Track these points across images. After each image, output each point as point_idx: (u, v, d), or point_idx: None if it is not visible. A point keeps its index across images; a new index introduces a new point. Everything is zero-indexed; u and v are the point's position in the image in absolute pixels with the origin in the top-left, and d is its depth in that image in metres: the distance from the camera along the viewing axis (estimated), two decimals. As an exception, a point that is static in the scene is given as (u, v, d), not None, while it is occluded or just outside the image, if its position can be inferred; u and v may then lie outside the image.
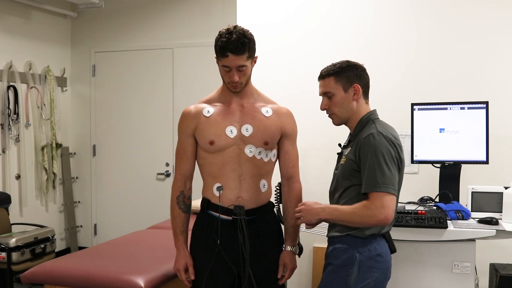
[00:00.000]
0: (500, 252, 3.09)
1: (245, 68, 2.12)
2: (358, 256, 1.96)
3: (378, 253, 1.98)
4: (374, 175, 1.91)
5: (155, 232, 3.63)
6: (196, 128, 2.21)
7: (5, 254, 3.95)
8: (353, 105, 2.08)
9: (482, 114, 2.78)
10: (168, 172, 5.33)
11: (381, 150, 1.93)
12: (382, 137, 1.95)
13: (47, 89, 5.21)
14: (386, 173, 1.90)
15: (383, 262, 1.99)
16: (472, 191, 2.69)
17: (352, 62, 2.11)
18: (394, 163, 1.94)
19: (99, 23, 5.56)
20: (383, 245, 2.01)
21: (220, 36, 2.10)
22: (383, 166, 1.91)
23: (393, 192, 1.91)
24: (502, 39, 3.21)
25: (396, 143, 1.98)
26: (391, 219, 1.91)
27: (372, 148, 1.93)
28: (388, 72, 3.36)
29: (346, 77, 2.06)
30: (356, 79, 2.07)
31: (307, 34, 3.49)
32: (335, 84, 2.07)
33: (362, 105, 2.10)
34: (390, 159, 1.93)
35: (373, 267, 1.96)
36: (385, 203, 1.88)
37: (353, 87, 2.06)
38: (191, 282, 2.26)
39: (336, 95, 2.07)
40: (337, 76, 2.07)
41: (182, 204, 2.26)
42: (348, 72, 2.07)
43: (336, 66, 2.09)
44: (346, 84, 2.06)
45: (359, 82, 2.07)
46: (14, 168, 4.92)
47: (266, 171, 2.25)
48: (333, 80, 2.07)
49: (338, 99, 2.07)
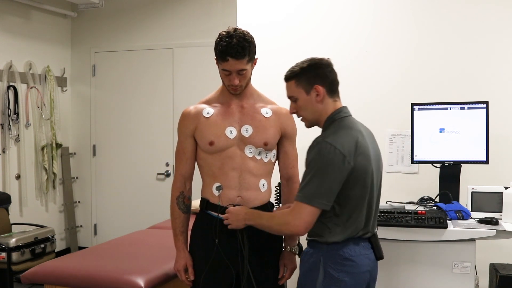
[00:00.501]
0: (500, 252, 3.09)
1: (245, 71, 2.12)
2: (323, 259, 1.91)
3: (345, 257, 1.89)
4: (303, 185, 1.85)
5: (155, 232, 3.63)
6: (196, 129, 2.21)
7: (5, 254, 3.95)
8: (318, 107, 1.96)
9: (482, 114, 2.78)
10: (168, 172, 5.33)
11: (317, 160, 1.83)
12: (322, 144, 1.85)
13: (47, 89, 5.21)
14: (315, 184, 1.82)
15: (353, 266, 1.90)
16: (472, 191, 2.69)
17: (315, 60, 1.98)
18: (331, 172, 1.82)
19: (99, 23, 5.56)
20: (355, 248, 1.91)
21: (220, 40, 2.09)
22: (314, 177, 1.82)
23: (316, 205, 1.82)
24: (502, 39, 3.21)
25: (339, 149, 1.83)
26: (302, 232, 1.87)
27: (312, 158, 1.86)
28: (388, 72, 3.36)
29: (307, 79, 1.95)
30: (317, 79, 1.94)
31: (307, 34, 3.49)
32: (296, 88, 1.97)
33: (328, 105, 1.97)
34: (324, 169, 1.82)
35: (341, 271, 1.88)
36: (303, 216, 1.82)
37: (314, 89, 1.94)
38: (191, 283, 2.26)
39: (299, 98, 1.97)
40: (297, 79, 1.96)
41: (182, 204, 2.26)
42: (308, 73, 1.95)
43: (296, 68, 1.98)
44: (307, 87, 1.95)
45: (320, 82, 1.94)
46: (14, 168, 4.92)
47: (266, 172, 2.25)
48: (294, 83, 1.97)
49: (302, 103, 1.97)
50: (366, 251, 1.96)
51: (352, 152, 1.85)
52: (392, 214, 2.48)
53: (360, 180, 1.89)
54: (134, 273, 2.57)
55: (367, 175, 1.91)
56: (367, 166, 1.90)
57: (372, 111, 3.34)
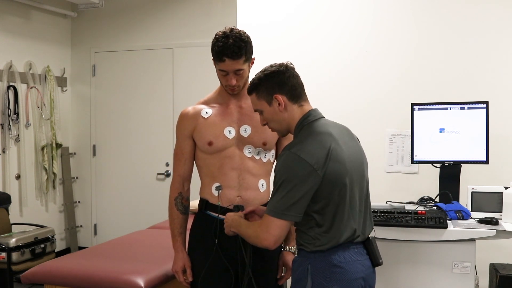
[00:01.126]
0: (500, 252, 3.09)
1: (242, 71, 2.13)
2: (310, 267, 1.85)
3: (334, 264, 1.82)
4: (271, 197, 1.82)
5: (155, 232, 3.63)
6: (195, 130, 2.21)
7: (5, 254, 3.95)
8: (283, 116, 1.90)
9: (482, 114, 2.78)
10: (168, 172, 5.33)
11: (283, 172, 1.79)
12: (287, 155, 1.79)
13: (47, 89, 5.21)
14: (282, 197, 1.77)
15: (343, 273, 1.82)
16: (472, 191, 2.69)
17: (272, 68, 1.92)
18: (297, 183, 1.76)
19: (99, 23, 5.56)
20: (345, 255, 1.84)
21: (216, 40, 2.09)
22: (281, 190, 1.78)
23: (285, 218, 1.78)
24: (502, 39, 3.21)
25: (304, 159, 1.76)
26: (271, 246, 1.82)
27: (278, 169, 1.81)
28: (388, 72, 3.36)
29: (265, 90, 1.90)
30: (275, 88, 1.89)
31: (307, 34, 3.49)
32: (258, 101, 1.92)
33: (294, 112, 1.91)
34: (290, 181, 1.76)
35: (330, 279, 1.82)
36: (271, 230, 1.79)
37: (275, 99, 1.89)
38: (189, 284, 2.26)
39: (263, 110, 1.93)
40: (257, 91, 1.92)
41: (180, 205, 2.26)
42: (266, 83, 1.90)
43: (255, 79, 1.93)
44: (268, 98, 1.90)
45: (279, 91, 1.88)
46: (14, 168, 4.92)
47: (265, 171, 2.25)
48: (255, 97, 1.93)
49: (267, 115, 1.92)
50: (358, 256, 1.87)
51: (322, 160, 1.78)
52: (392, 214, 2.48)
53: (336, 186, 1.80)
54: (134, 273, 2.57)
55: (343, 180, 1.82)
56: (341, 171, 1.81)
57: (372, 111, 3.35)
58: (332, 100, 3.40)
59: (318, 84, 3.42)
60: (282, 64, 1.94)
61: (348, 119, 3.40)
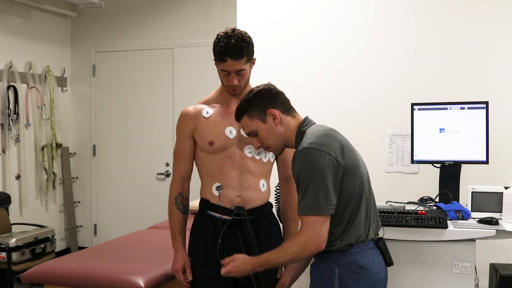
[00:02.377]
0: (500, 252, 3.09)
1: (244, 71, 2.13)
2: (337, 270, 1.84)
3: (360, 265, 1.83)
4: (300, 198, 1.79)
5: (155, 232, 3.63)
6: (195, 129, 2.21)
7: (5, 254, 3.95)
8: (279, 130, 1.92)
9: (482, 114, 2.78)
10: (168, 172, 5.33)
11: (306, 167, 1.77)
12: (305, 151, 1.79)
13: (47, 89, 5.21)
14: (309, 194, 1.75)
15: (368, 274, 1.84)
16: (472, 191, 2.68)
17: (257, 88, 1.95)
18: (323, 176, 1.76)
19: (99, 23, 5.56)
20: (369, 255, 1.87)
21: (218, 40, 2.10)
22: (309, 186, 1.76)
23: (322, 212, 1.76)
24: (502, 39, 3.21)
25: (323, 150, 1.77)
26: (323, 245, 1.78)
27: (298, 168, 1.80)
28: (388, 72, 3.36)
29: (257, 108, 1.91)
30: (268, 104, 1.91)
31: (307, 34, 3.49)
32: (251, 122, 1.92)
33: (289, 123, 1.93)
34: (316, 175, 1.75)
35: (356, 281, 1.83)
36: (315, 230, 1.75)
37: (269, 114, 1.91)
38: (189, 283, 2.26)
39: (259, 130, 1.92)
40: (248, 112, 1.92)
41: (180, 205, 2.26)
42: (256, 101, 1.92)
43: (243, 102, 1.94)
44: (261, 115, 1.91)
45: (272, 105, 1.91)
46: (14, 168, 4.92)
47: (265, 171, 2.25)
48: (247, 118, 1.93)
49: (263, 133, 1.92)
50: (378, 257, 1.90)
51: (339, 151, 1.81)
52: (392, 214, 2.48)
53: (357, 176, 1.85)
54: (134, 273, 2.57)
55: (361, 170, 1.88)
56: (357, 161, 1.88)
57: (372, 111, 3.35)
58: (332, 100, 3.40)
59: (318, 84, 3.42)
60: (264, 85, 1.96)
61: (348, 119, 3.44)
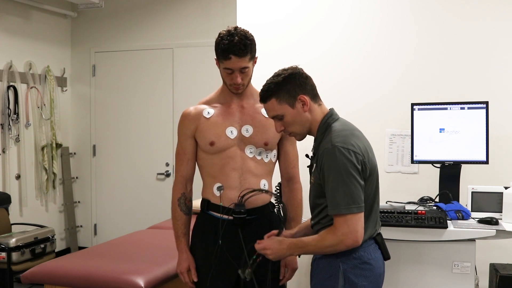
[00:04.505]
0: (500, 252, 3.09)
1: (247, 69, 2.13)
2: (342, 265, 1.84)
3: (364, 261, 1.85)
4: (335, 196, 1.77)
5: (155, 232, 3.63)
6: (197, 130, 2.20)
7: (5, 254, 3.95)
8: (306, 116, 1.90)
9: (482, 114, 2.78)
10: (168, 172, 5.33)
11: (338, 166, 1.76)
12: (337, 150, 1.77)
13: (47, 89, 5.21)
14: (346, 191, 1.75)
15: (371, 269, 1.87)
16: (472, 191, 2.69)
17: (286, 71, 1.91)
18: (354, 175, 1.77)
19: (99, 23, 5.56)
20: (371, 251, 1.89)
21: (221, 39, 2.09)
22: (342, 184, 1.76)
23: (357, 211, 1.76)
24: (502, 38, 3.21)
25: (354, 151, 1.79)
26: (360, 241, 1.78)
27: (329, 166, 1.78)
28: (388, 72, 3.36)
29: (287, 92, 1.87)
30: (298, 89, 1.87)
31: (307, 34, 3.49)
32: (279, 105, 1.88)
33: (316, 111, 1.92)
34: (348, 173, 1.76)
35: (360, 276, 1.85)
36: (351, 226, 1.75)
37: (299, 99, 1.88)
38: (194, 284, 2.24)
39: (285, 115, 1.89)
40: (277, 95, 1.87)
41: (183, 206, 2.26)
42: (286, 85, 1.87)
43: (272, 84, 1.89)
44: (290, 100, 1.87)
45: (302, 91, 1.88)
46: (14, 168, 4.92)
47: (266, 171, 2.25)
48: (275, 101, 1.88)
49: (290, 118, 1.89)
50: (377, 252, 1.92)
51: (365, 152, 1.84)
52: (392, 214, 2.48)
53: (375, 178, 1.90)
54: (134, 273, 2.58)
55: (377, 172, 1.94)
56: (376, 164, 1.93)
57: (372, 111, 3.34)
58: (332, 100, 3.34)
59: (318, 84, 3.36)
60: (294, 68, 1.93)
61: (348, 119, 3.40)
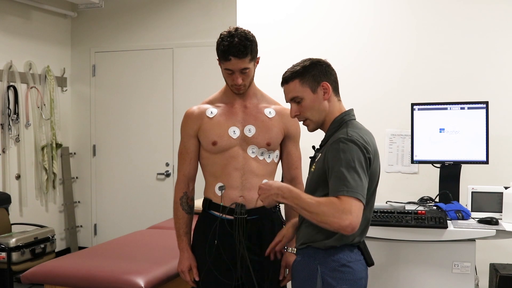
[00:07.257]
0: (500, 252, 3.09)
1: (248, 70, 2.13)
2: (320, 268, 1.81)
3: (343, 264, 1.81)
4: (342, 179, 1.70)
5: (155, 232, 3.63)
6: (199, 129, 2.21)
7: (5, 254, 3.95)
8: (325, 105, 1.88)
9: (482, 114, 2.78)
10: (168, 172, 5.32)
11: (351, 155, 1.73)
12: (351, 142, 1.75)
13: (47, 89, 5.21)
14: (356, 179, 1.70)
15: (351, 272, 1.82)
16: (472, 191, 2.69)
17: (314, 59, 1.92)
18: (364, 169, 1.74)
19: (99, 23, 5.56)
20: (351, 254, 1.84)
21: (221, 40, 2.09)
22: (352, 171, 1.71)
23: (362, 200, 1.70)
24: (502, 38, 3.21)
25: (367, 148, 1.78)
26: (355, 228, 1.67)
27: (341, 153, 1.74)
28: (388, 72, 3.36)
29: (312, 77, 1.86)
30: (322, 76, 1.87)
31: (307, 34, 3.49)
32: (301, 87, 1.87)
33: (334, 104, 1.91)
34: (360, 166, 1.73)
35: (339, 279, 1.80)
36: (353, 208, 1.66)
37: (321, 86, 1.87)
38: (195, 283, 2.24)
39: (305, 98, 1.87)
40: (302, 77, 1.87)
41: (185, 205, 2.26)
42: (312, 70, 1.87)
43: (299, 66, 1.89)
44: (313, 84, 1.86)
45: (326, 79, 1.88)
46: (14, 168, 4.92)
47: (268, 172, 2.24)
48: (298, 83, 1.87)
49: (308, 102, 1.87)
50: (359, 256, 1.88)
51: (373, 152, 1.83)
52: (392, 214, 2.48)
53: (374, 181, 1.86)
54: (134, 273, 2.58)
55: (378, 178, 1.89)
56: (378, 169, 1.89)
57: (372, 111, 3.34)
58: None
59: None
60: (321, 59, 1.94)
61: (348, 119, 3.44)
